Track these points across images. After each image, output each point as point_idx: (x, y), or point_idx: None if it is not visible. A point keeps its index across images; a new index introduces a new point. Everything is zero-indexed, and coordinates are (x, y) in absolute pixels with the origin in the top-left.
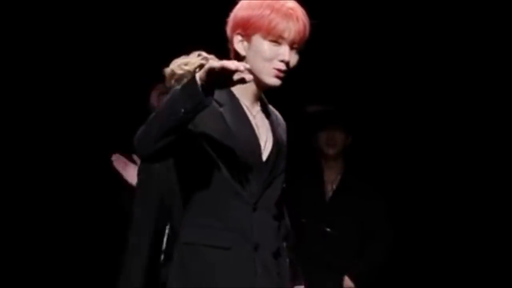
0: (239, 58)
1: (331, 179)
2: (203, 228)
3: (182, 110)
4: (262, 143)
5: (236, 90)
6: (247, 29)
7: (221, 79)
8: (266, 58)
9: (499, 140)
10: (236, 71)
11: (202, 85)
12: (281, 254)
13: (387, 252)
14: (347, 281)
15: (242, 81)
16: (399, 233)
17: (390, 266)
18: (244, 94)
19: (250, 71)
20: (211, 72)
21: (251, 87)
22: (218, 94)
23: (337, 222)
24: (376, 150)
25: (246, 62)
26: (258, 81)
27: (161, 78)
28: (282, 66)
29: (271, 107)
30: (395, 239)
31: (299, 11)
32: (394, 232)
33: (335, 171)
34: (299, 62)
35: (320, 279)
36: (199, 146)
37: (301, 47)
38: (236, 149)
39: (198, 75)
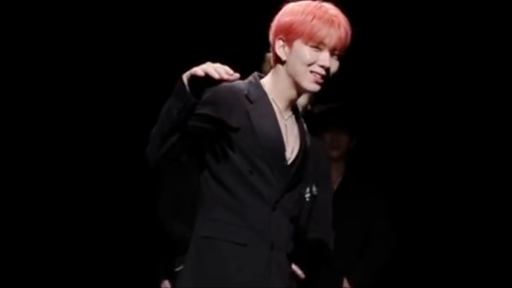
0: (280, 62)
1: (332, 180)
2: (222, 223)
3: (176, 112)
4: (289, 147)
5: (272, 91)
6: (289, 34)
7: (207, 80)
8: (306, 63)
9: (500, 140)
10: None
11: (189, 83)
12: (294, 256)
13: (389, 252)
14: (345, 283)
15: (226, 80)
16: (401, 233)
17: (392, 265)
18: (279, 96)
19: (290, 74)
20: (195, 76)
21: (288, 91)
22: (252, 91)
23: (338, 223)
24: (378, 151)
25: (287, 67)
26: (296, 86)
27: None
28: (322, 71)
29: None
30: (398, 239)
31: (342, 18)
32: (396, 232)
33: (337, 172)
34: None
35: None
36: (222, 141)
37: (342, 54)
38: (256, 147)
39: (185, 76)
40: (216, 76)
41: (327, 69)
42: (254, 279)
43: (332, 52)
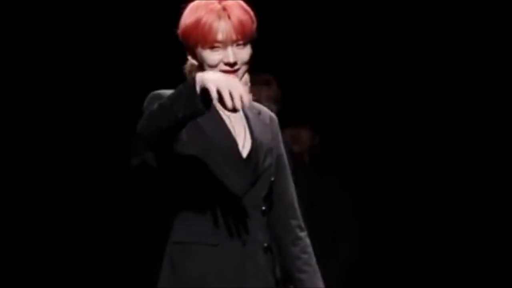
0: (199, 67)
1: None
2: (191, 227)
3: (181, 115)
4: (240, 141)
5: None
6: (188, 44)
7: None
8: (213, 66)
9: (474, 129)
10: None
11: (201, 93)
12: (273, 250)
13: (357, 254)
14: None
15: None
16: (368, 231)
17: (361, 265)
18: None
19: None
20: (207, 91)
21: None
22: None
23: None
24: (344, 148)
25: (203, 71)
26: None
27: None
28: (229, 68)
29: (256, 105)
30: (364, 237)
31: (233, 6)
32: (361, 230)
33: None
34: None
35: None
36: (179, 146)
37: (249, 40)
38: (212, 147)
39: (198, 83)
40: (229, 104)
41: (234, 63)
42: (229, 278)
43: (233, 44)
